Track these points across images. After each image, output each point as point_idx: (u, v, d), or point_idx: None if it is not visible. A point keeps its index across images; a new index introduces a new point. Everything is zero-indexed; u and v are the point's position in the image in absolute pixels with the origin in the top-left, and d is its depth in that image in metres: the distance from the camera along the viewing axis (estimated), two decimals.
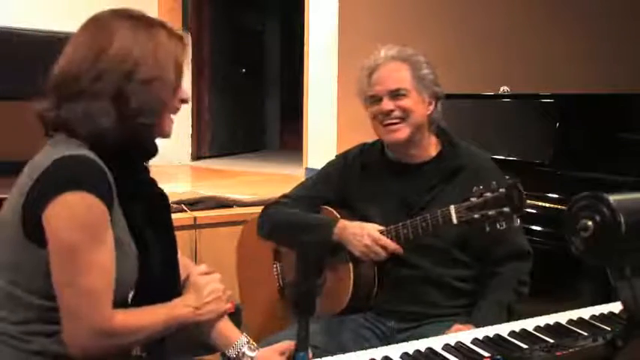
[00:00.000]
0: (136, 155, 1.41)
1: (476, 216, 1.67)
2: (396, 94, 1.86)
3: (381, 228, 1.85)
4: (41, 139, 1.37)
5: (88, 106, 1.30)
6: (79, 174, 1.25)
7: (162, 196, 1.49)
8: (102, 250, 1.26)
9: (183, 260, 1.57)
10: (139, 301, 1.40)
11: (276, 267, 2.19)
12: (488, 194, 1.66)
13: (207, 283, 1.48)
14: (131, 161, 1.39)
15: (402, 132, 1.87)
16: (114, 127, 1.31)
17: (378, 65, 1.89)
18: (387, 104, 1.86)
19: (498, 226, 1.64)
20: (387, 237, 1.82)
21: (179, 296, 1.46)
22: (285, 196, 2.13)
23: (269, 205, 2.13)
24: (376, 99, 1.89)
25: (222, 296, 1.48)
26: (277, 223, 2.06)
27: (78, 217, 1.23)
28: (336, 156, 2.14)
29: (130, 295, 1.40)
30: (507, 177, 1.68)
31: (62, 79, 1.33)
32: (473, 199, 1.68)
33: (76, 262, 1.24)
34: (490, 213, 1.65)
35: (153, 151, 1.43)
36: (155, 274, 1.40)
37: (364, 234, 1.84)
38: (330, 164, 2.12)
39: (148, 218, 1.40)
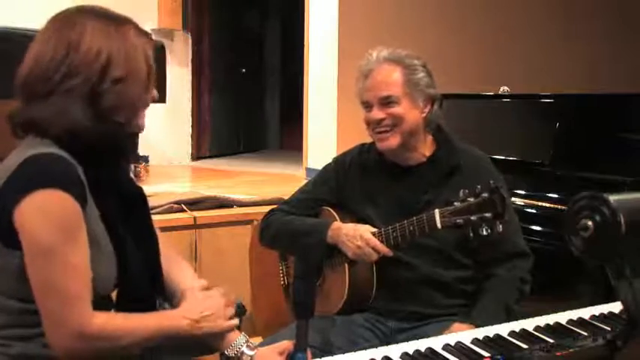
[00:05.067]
0: (111, 153, 1.36)
1: (458, 221, 1.63)
2: (386, 102, 1.83)
3: (374, 230, 1.84)
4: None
5: (60, 104, 1.25)
6: (50, 171, 1.21)
7: (140, 193, 1.46)
8: (76, 250, 1.22)
9: (186, 267, 1.55)
10: (121, 300, 1.38)
11: (282, 266, 2.22)
12: (472, 199, 1.62)
13: (208, 297, 1.45)
14: (104, 158, 1.34)
15: (393, 140, 1.84)
16: (88, 125, 1.26)
17: (371, 69, 1.86)
18: (377, 113, 1.84)
19: (484, 232, 1.60)
20: (378, 239, 1.81)
21: (161, 295, 1.44)
22: (284, 202, 2.13)
23: (268, 213, 2.12)
24: (367, 105, 1.87)
25: (222, 313, 1.44)
26: (276, 231, 2.05)
27: (50, 215, 1.19)
28: (334, 158, 2.12)
29: (114, 293, 1.38)
30: (491, 181, 1.62)
31: (31, 78, 1.28)
32: (457, 204, 1.64)
33: (51, 263, 1.20)
34: (472, 218, 1.61)
35: (128, 149, 1.40)
36: (133, 272, 1.36)
37: (357, 235, 1.83)
38: (328, 166, 2.10)
39: (123, 214, 1.37)
